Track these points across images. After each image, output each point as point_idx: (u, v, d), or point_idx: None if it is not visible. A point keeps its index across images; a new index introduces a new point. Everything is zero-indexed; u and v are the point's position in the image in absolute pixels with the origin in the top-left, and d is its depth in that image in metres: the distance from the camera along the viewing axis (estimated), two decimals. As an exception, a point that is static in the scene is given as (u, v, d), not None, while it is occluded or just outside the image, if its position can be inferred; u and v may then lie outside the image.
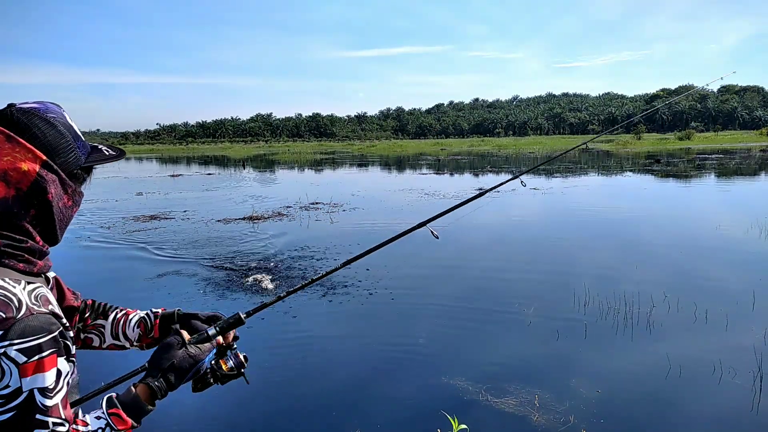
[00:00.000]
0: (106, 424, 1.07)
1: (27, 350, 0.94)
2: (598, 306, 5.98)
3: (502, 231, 11.01)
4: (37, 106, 1.09)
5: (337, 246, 9.50)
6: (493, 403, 3.92)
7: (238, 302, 6.43)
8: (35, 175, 1.04)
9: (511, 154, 45.31)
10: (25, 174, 1.03)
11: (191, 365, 1.23)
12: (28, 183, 1.03)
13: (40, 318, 0.98)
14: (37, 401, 0.96)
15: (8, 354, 0.93)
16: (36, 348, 0.96)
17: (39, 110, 1.09)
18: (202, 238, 10.57)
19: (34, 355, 0.95)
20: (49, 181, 1.06)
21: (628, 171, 25.35)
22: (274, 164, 41.00)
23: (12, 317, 0.95)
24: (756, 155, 34.67)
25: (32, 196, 1.05)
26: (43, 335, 0.97)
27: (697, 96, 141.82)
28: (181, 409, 3.96)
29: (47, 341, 0.98)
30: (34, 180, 1.04)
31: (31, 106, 1.09)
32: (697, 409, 3.97)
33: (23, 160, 1.03)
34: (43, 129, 1.07)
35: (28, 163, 1.03)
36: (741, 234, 9.70)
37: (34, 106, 1.09)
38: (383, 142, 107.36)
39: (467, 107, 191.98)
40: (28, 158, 1.03)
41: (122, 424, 1.09)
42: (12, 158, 1.02)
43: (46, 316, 1.00)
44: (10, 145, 1.02)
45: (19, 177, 1.02)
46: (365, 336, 5.35)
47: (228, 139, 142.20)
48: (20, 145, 1.03)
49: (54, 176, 1.07)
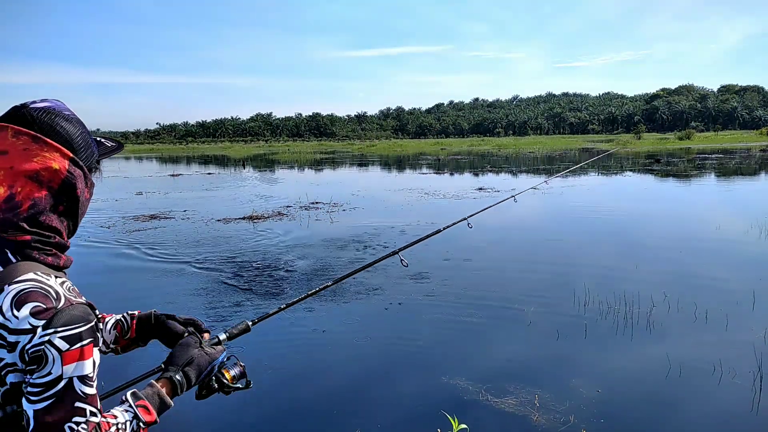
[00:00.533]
0: (134, 416, 1.09)
1: (69, 338, 0.98)
2: (598, 306, 5.98)
3: (501, 231, 11.01)
4: (51, 105, 1.12)
5: (340, 247, 9.50)
6: (493, 403, 3.92)
7: (243, 306, 6.42)
8: (66, 173, 1.07)
9: (511, 154, 45.31)
10: (56, 172, 1.06)
11: (208, 363, 1.28)
12: (59, 181, 1.07)
13: (79, 308, 1.02)
14: (76, 389, 0.99)
15: (52, 341, 0.96)
16: (77, 336, 0.99)
17: (54, 109, 1.11)
18: (203, 238, 10.56)
19: (76, 343, 0.99)
20: (77, 177, 1.10)
21: (628, 171, 25.35)
22: (274, 164, 40.99)
23: (53, 307, 0.99)
24: (756, 155, 34.67)
25: (63, 193, 1.08)
26: (83, 324, 1.01)
27: (696, 95, 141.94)
28: (182, 408, 3.96)
29: (86, 330, 1.02)
30: (65, 177, 1.07)
31: (45, 105, 1.11)
32: (697, 409, 3.97)
33: (53, 159, 1.06)
34: (66, 127, 1.10)
35: (58, 161, 1.06)
36: (741, 234, 9.70)
37: (48, 105, 1.11)
38: (383, 141, 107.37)
39: (467, 107, 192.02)
40: (57, 157, 1.06)
41: (148, 416, 1.12)
42: (42, 158, 1.05)
43: (83, 307, 1.04)
44: (38, 146, 1.05)
45: (50, 176, 1.06)
46: (365, 336, 5.35)
47: (228, 138, 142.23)
48: (48, 144, 1.06)
49: (80, 171, 1.11)
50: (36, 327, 0.97)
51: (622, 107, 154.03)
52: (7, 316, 0.97)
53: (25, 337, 0.96)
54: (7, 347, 0.97)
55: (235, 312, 6.08)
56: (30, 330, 0.97)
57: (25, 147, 1.04)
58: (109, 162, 50.84)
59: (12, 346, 0.97)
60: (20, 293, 0.99)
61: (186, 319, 1.48)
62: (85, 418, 0.99)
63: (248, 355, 4.91)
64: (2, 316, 0.97)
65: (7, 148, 1.04)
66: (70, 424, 0.97)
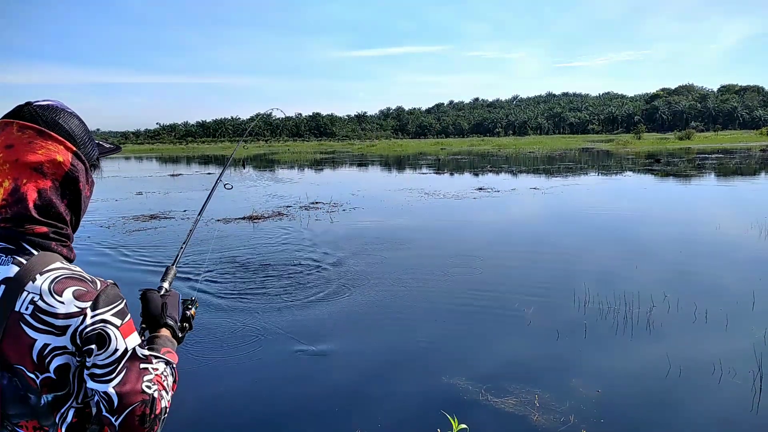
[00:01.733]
0: (166, 361, 1.22)
1: (119, 313, 1.07)
2: (598, 306, 5.98)
3: (501, 231, 11.01)
4: (53, 103, 1.15)
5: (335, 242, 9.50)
6: (493, 403, 3.92)
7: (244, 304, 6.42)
8: (69, 166, 1.11)
9: (511, 154, 45.31)
10: (60, 165, 1.09)
11: (177, 301, 1.42)
12: (62, 173, 1.10)
13: (112, 287, 1.09)
14: (139, 354, 1.10)
15: (108, 320, 1.04)
16: (123, 311, 1.09)
17: (57, 106, 1.15)
18: (203, 239, 10.57)
19: (125, 317, 1.08)
20: (80, 171, 1.14)
21: (628, 171, 25.35)
22: (274, 164, 40.98)
23: (94, 289, 1.05)
24: (756, 155, 34.67)
25: (66, 186, 1.12)
26: (121, 301, 1.09)
27: (697, 95, 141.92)
28: (183, 410, 3.96)
29: (125, 306, 1.10)
30: (68, 170, 1.11)
31: (48, 103, 1.14)
32: (697, 409, 3.97)
33: (57, 152, 1.09)
34: (69, 122, 1.14)
35: (61, 153, 1.10)
36: (741, 234, 9.70)
37: (50, 102, 1.15)
38: (383, 141, 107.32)
39: (467, 107, 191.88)
40: (60, 150, 1.10)
41: (174, 357, 1.26)
42: (47, 150, 1.08)
43: (114, 286, 1.11)
44: (42, 139, 1.08)
45: (54, 168, 1.09)
46: (365, 336, 5.35)
47: (228, 138, 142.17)
48: (52, 138, 1.09)
49: (83, 166, 1.15)
50: (84, 309, 1.02)
51: (622, 107, 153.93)
52: (48, 302, 1.01)
53: (75, 320, 1.02)
54: (55, 332, 1.01)
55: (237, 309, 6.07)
56: (79, 312, 1.02)
57: (30, 140, 1.07)
58: (109, 162, 50.82)
59: (62, 330, 1.01)
60: (56, 280, 1.03)
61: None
62: (150, 375, 1.11)
63: (249, 357, 4.93)
64: (44, 303, 1.01)
65: (13, 141, 1.07)
66: (145, 384, 1.09)
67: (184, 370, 4.25)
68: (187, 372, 4.43)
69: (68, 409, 1.07)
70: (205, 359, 4.83)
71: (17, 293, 1.02)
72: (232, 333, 5.45)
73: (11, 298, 1.02)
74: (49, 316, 1.01)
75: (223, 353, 4.97)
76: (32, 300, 1.01)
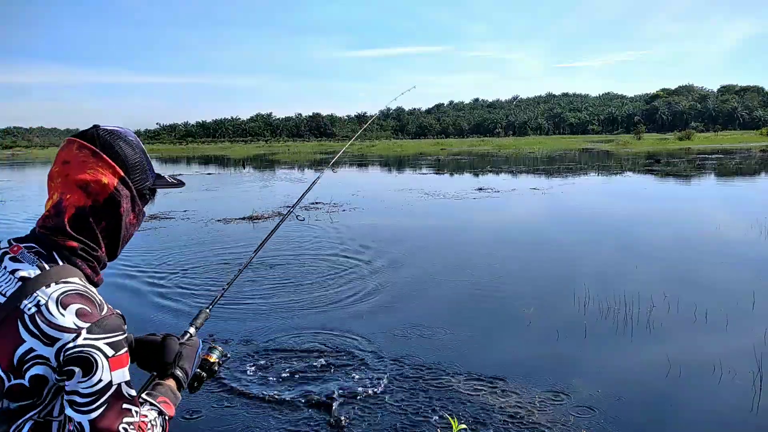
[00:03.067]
0: (159, 411, 1.19)
1: (114, 345, 1.05)
2: (598, 306, 5.98)
3: (501, 231, 11.02)
4: (117, 129, 1.22)
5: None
6: (493, 403, 3.92)
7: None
8: (113, 189, 1.15)
9: (511, 154, 45.32)
10: (105, 186, 1.14)
11: (194, 353, 1.39)
12: (106, 195, 1.14)
13: (116, 318, 1.09)
14: (124, 392, 1.06)
15: (100, 347, 1.03)
16: (118, 343, 1.06)
17: (121, 133, 1.22)
18: (203, 239, 10.57)
19: (120, 349, 1.06)
20: (123, 196, 1.17)
21: (628, 171, 25.35)
22: (274, 164, 40.99)
23: (97, 314, 1.05)
24: (756, 155, 34.68)
25: (107, 208, 1.15)
26: (121, 333, 1.08)
27: (697, 96, 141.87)
28: (185, 410, 3.96)
29: (123, 339, 1.09)
30: (111, 193, 1.15)
31: (112, 128, 1.21)
32: (697, 409, 3.97)
33: (104, 174, 1.14)
34: (124, 148, 1.19)
35: (108, 176, 1.14)
36: (741, 234, 9.70)
37: (115, 128, 1.22)
38: (383, 141, 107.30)
39: (467, 107, 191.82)
40: (108, 172, 1.14)
41: (170, 409, 1.23)
42: (95, 171, 1.13)
43: (119, 317, 1.11)
44: (95, 160, 1.13)
45: (98, 189, 1.13)
46: (364, 336, 5.34)
47: (228, 138, 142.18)
48: (103, 160, 1.14)
49: (128, 192, 1.18)
50: (80, 328, 1.02)
51: (622, 107, 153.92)
52: (51, 310, 1.02)
53: (68, 335, 1.01)
54: (45, 340, 1.01)
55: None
56: (74, 330, 1.01)
57: (83, 159, 1.13)
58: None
59: (51, 341, 1.01)
60: (67, 293, 1.05)
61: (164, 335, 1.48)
62: (132, 419, 1.07)
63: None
64: (46, 309, 1.02)
65: (70, 158, 1.13)
66: (123, 425, 1.05)
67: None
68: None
69: (26, 422, 1.04)
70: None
71: (28, 293, 1.04)
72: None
73: (20, 297, 1.04)
74: (45, 323, 1.01)
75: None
76: (38, 303, 1.02)
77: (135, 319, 5.78)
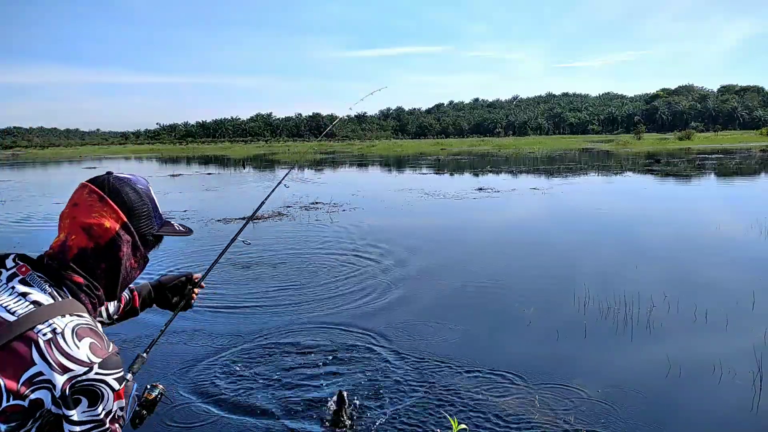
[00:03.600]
0: None
1: (119, 380, 1.12)
2: (598, 306, 5.98)
3: (501, 231, 11.02)
4: (129, 177, 1.30)
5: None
6: (493, 403, 3.92)
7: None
8: (114, 233, 1.21)
9: (511, 154, 45.31)
10: (107, 230, 1.20)
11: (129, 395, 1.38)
12: (107, 239, 1.20)
13: (118, 356, 1.16)
14: (116, 415, 1.14)
15: (108, 382, 1.10)
16: (122, 378, 1.14)
17: (131, 180, 1.29)
18: (204, 239, 10.57)
19: (122, 383, 1.14)
20: (124, 241, 1.23)
21: (628, 171, 25.35)
22: (274, 164, 40.99)
23: (106, 350, 1.12)
24: (756, 155, 34.68)
25: (107, 251, 1.21)
26: (122, 369, 1.15)
27: (697, 96, 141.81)
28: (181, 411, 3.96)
29: (123, 374, 1.16)
30: (113, 237, 1.21)
31: (124, 176, 1.29)
32: (697, 409, 3.97)
33: (108, 219, 1.20)
34: (130, 195, 1.26)
35: (111, 221, 1.21)
36: (741, 234, 9.70)
37: (126, 176, 1.30)
38: (383, 142, 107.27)
39: (467, 107, 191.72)
40: (112, 217, 1.21)
41: None
42: (100, 215, 1.20)
43: (119, 355, 1.17)
44: (101, 204, 1.21)
45: (101, 232, 1.20)
46: (364, 336, 5.34)
47: (228, 138, 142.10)
48: (108, 205, 1.21)
49: (129, 238, 1.24)
50: (93, 363, 1.07)
51: (622, 107, 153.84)
52: (67, 341, 1.06)
53: (81, 368, 1.06)
54: (57, 368, 1.04)
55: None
56: (87, 363, 1.07)
57: (91, 203, 1.21)
58: (109, 163, 50.85)
59: (63, 369, 1.05)
60: (80, 326, 1.10)
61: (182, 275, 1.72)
62: None
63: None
64: (62, 339, 1.06)
65: (79, 201, 1.21)
66: None
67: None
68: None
69: None
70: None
71: (43, 319, 1.07)
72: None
73: (34, 320, 1.06)
74: (60, 351, 1.05)
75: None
76: (54, 330, 1.06)
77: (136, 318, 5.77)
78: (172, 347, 5.07)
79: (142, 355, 1.56)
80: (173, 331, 5.33)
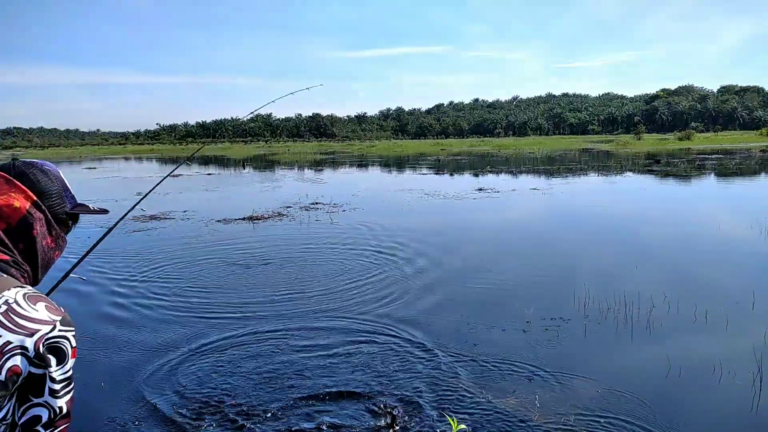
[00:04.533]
0: None
1: (75, 337, 1.17)
2: (598, 306, 5.98)
3: (501, 231, 11.02)
4: (34, 161, 1.31)
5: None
6: (493, 403, 3.92)
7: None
8: (24, 212, 1.21)
9: (511, 155, 45.31)
10: (16, 210, 1.20)
11: None
12: (17, 218, 1.20)
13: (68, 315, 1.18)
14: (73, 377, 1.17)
15: (69, 338, 1.14)
16: (75, 337, 1.17)
17: (37, 163, 1.30)
18: (201, 237, 10.57)
19: (75, 342, 1.17)
20: (36, 219, 1.23)
21: (628, 171, 25.35)
22: (274, 164, 40.99)
23: (59, 310, 1.15)
24: (756, 155, 34.68)
25: (20, 231, 1.21)
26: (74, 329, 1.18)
27: (696, 96, 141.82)
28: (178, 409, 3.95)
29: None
30: (23, 216, 1.21)
31: (30, 160, 1.30)
32: (697, 409, 3.97)
33: (17, 199, 1.20)
34: (38, 175, 1.27)
35: (20, 200, 1.21)
36: (741, 234, 9.70)
37: (32, 160, 1.30)
38: (383, 142, 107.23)
39: (467, 107, 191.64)
40: (20, 197, 1.21)
41: None
42: (8, 197, 1.20)
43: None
44: (8, 187, 1.21)
45: (10, 212, 1.19)
46: (364, 335, 5.34)
47: (228, 139, 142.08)
48: (16, 186, 1.22)
49: (41, 215, 1.24)
50: (55, 320, 1.11)
51: (622, 108, 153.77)
52: (23, 306, 1.09)
53: (46, 326, 1.09)
54: (24, 332, 1.07)
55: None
56: (50, 322, 1.11)
57: None
58: (109, 163, 50.85)
59: (29, 331, 1.07)
60: (28, 293, 1.13)
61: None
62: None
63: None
64: (18, 306, 1.08)
65: None
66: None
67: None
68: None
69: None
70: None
71: None
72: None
73: None
74: (22, 318, 1.07)
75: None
76: (6, 302, 1.08)
77: (135, 318, 5.78)
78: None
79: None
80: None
